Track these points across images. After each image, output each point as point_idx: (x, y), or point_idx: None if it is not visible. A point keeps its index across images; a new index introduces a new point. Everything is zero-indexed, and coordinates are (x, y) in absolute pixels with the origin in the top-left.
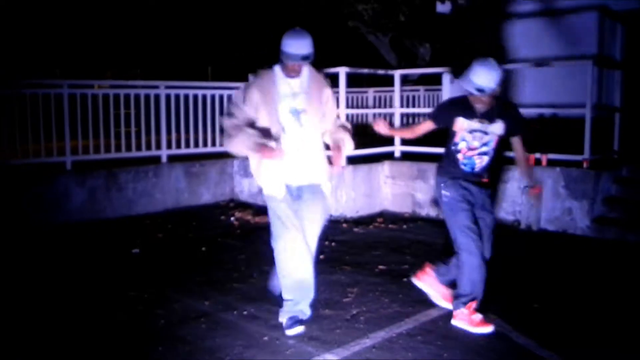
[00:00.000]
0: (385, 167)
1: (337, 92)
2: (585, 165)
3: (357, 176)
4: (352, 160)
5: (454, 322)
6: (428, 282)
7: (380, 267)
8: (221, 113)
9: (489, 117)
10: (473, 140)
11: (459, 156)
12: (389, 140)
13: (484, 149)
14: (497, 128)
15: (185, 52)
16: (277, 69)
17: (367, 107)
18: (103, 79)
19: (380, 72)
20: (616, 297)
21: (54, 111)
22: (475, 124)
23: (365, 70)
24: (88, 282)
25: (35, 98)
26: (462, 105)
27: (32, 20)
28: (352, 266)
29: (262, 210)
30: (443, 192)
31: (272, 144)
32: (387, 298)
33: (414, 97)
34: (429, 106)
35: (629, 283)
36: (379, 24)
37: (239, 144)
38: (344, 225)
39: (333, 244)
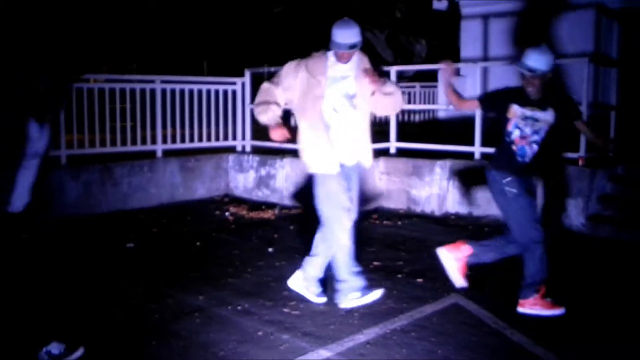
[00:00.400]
0: (380, 163)
1: None
2: (580, 163)
3: None
4: None
5: (521, 310)
6: (455, 257)
7: (375, 263)
8: (216, 108)
9: (541, 104)
10: (525, 127)
11: (513, 147)
12: (385, 136)
13: (535, 137)
14: (549, 116)
15: (181, 47)
16: (330, 54)
17: None
18: (99, 74)
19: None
20: (610, 294)
21: None
22: (527, 111)
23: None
24: (82, 277)
25: None
26: (516, 93)
27: (27, 14)
28: None
29: (256, 205)
30: (508, 188)
31: (282, 128)
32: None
33: (409, 94)
34: (424, 103)
35: (623, 281)
36: (375, 20)
37: (262, 115)
38: None
39: None
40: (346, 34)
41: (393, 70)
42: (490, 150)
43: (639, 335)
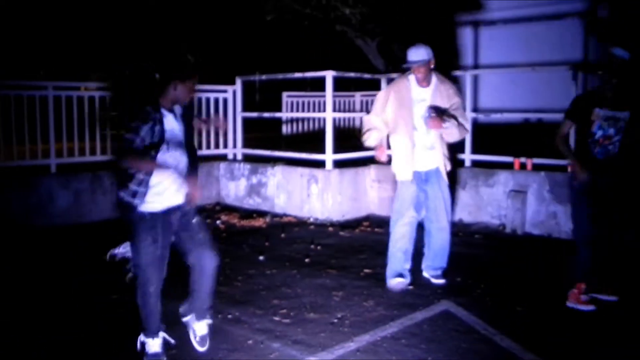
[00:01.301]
0: (371, 171)
1: (324, 96)
2: (570, 169)
3: (343, 180)
4: (339, 164)
5: (568, 304)
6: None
7: (366, 270)
8: (208, 116)
9: (618, 104)
10: (608, 127)
11: (594, 146)
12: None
13: (616, 136)
14: (626, 114)
15: (172, 55)
16: (412, 77)
17: (354, 110)
18: (89, 81)
19: (367, 76)
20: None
21: (39, 113)
22: (608, 112)
23: (352, 74)
24: (70, 286)
25: (19, 100)
26: (594, 96)
27: (16, 21)
28: (338, 270)
29: (248, 213)
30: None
31: (384, 149)
32: (372, 301)
33: None
34: None
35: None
36: (367, 28)
37: (367, 141)
38: (330, 229)
39: (319, 247)
40: (412, 53)
41: (384, 78)
42: (481, 157)
43: (627, 341)
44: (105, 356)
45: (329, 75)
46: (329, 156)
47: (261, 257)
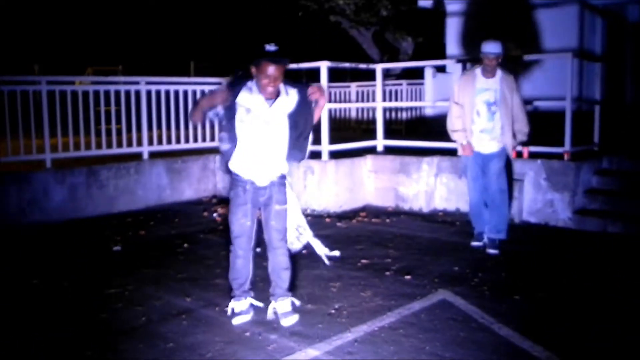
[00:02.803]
0: (368, 162)
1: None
2: (566, 157)
3: (340, 171)
4: (335, 155)
5: None
6: None
7: (363, 261)
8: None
9: None
10: None
11: None
12: (372, 134)
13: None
14: None
15: (167, 47)
16: (478, 70)
17: (349, 101)
18: (83, 76)
19: (362, 66)
20: (596, 287)
21: (33, 108)
22: None
23: (347, 65)
24: (68, 280)
25: (13, 95)
26: None
27: (11, 16)
28: (335, 261)
29: None
30: None
31: (470, 147)
32: (370, 292)
33: (396, 92)
34: (411, 100)
35: (609, 274)
36: (361, 18)
37: (458, 139)
38: (327, 220)
39: (316, 239)
40: (489, 45)
41: (379, 68)
42: None
43: (623, 325)
44: (104, 353)
45: (324, 65)
46: (325, 147)
47: (258, 249)
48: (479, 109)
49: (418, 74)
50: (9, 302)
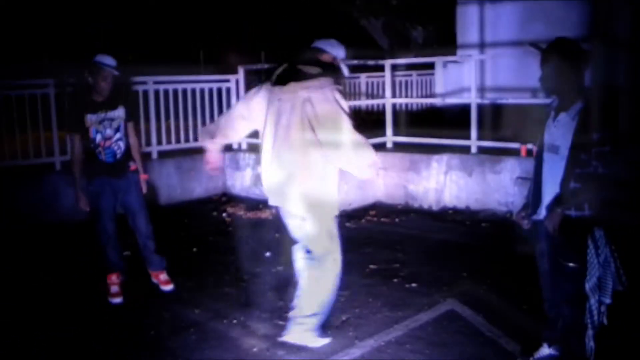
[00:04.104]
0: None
1: None
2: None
3: None
4: None
5: None
6: None
7: (371, 266)
8: (211, 106)
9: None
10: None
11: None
12: (381, 130)
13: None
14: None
15: (177, 37)
16: None
17: (359, 92)
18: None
19: (371, 62)
20: None
21: (41, 111)
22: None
23: (355, 62)
24: (74, 287)
25: (21, 99)
26: (84, 104)
27: (17, 17)
28: (343, 266)
29: (254, 204)
30: None
31: None
32: (377, 301)
33: (406, 83)
34: (421, 91)
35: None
36: (371, 7)
37: None
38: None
39: None
40: None
41: (388, 63)
42: (486, 143)
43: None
44: (107, 353)
45: None
46: None
47: (267, 254)
48: None
49: (428, 64)
50: (12, 301)
